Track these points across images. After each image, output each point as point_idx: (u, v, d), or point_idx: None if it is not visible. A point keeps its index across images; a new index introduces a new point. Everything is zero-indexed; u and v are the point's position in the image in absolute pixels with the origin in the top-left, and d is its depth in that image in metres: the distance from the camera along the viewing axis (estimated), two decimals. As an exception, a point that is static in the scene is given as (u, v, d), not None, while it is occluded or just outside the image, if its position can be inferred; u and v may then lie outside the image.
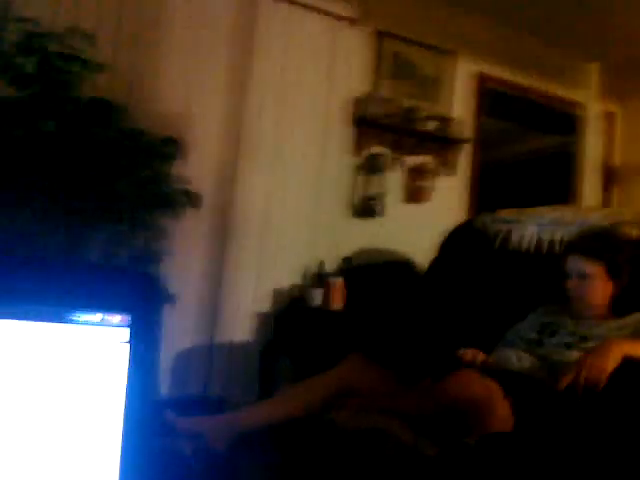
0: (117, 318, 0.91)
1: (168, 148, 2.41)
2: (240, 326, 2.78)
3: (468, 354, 1.77)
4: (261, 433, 1.81)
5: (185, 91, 2.74)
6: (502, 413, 1.48)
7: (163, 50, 2.69)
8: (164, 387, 2.64)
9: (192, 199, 2.39)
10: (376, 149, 3.26)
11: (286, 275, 2.93)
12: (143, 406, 0.88)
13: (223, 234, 2.80)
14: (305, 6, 2.98)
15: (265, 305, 2.87)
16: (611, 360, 1.44)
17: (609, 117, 3.94)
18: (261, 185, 2.86)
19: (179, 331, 2.65)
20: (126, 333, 0.91)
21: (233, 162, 2.84)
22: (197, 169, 2.66)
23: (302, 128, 2.99)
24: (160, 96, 2.68)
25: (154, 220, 2.35)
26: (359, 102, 3.21)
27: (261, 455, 1.91)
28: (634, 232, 2.02)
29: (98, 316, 0.90)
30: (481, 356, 1.80)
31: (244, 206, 2.82)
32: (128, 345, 0.90)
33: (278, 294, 2.89)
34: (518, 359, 1.82)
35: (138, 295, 0.93)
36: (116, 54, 2.60)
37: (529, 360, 1.81)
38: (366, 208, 3.21)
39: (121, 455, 0.87)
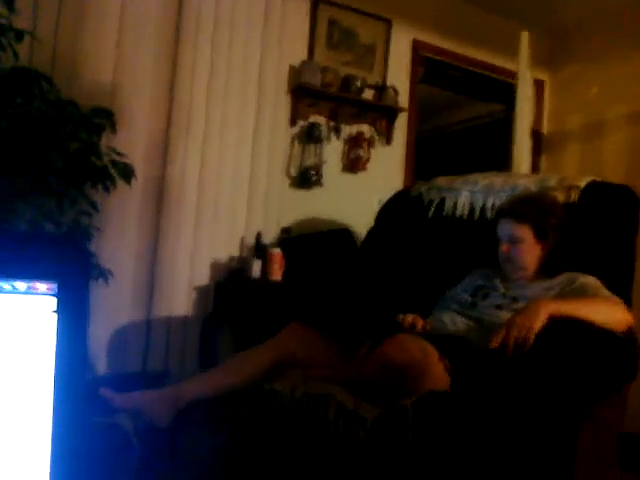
0: (43, 286, 0.88)
1: (98, 119, 2.31)
2: (178, 300, 2.73)
3: (408, 319, 1.81)
4: (204, 406, 1.80)
5: (114, 60, 2.62)
6: (438, 374, 1.52)
7: (89, 16, 2.55)
8: (101, 365, 2.58)
9: (124, 172, 2.31)
10: (313, 118, 3.24)
11: (224, 247, 2.89)
12: (73, 376, 0.86)
13: (157, 207, 2.73)
14: (237, -27, 2.90)
15: (203, 278, 2.82)
16: (538, 320, 1.49)
17: (539, 85, 4.04)
18: (195, 156, 2.79)
19: (115, 307, 2.58)
20: (53, 302, 0.89)
21: (165, 133, 2.75)
22: (128, 141, 2.56)
23: (236, 97, 2.91)
24: (87, 65, 2.55)
25: (84, 194, 2.28)
26: (295, 70, 3.18)
27: (205, 430, 1.90)
28: (560, 196, 2.09)
29: (23, 285, 0.87)
30: (420, 320, 1.84)
31: (178, 178, 2.74)
32: (56, 314, 0.88)
33: (216, 266, 2.85)
34: (452, 322, 1.88)
35: (64, 263, 0.90)
36: (38, 20, 2.47)
37: (463, 322, 1.87)
38: (304, 178, 3.19)
39: (52, 432, 0.85)
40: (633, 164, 3.45)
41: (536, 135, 4.03)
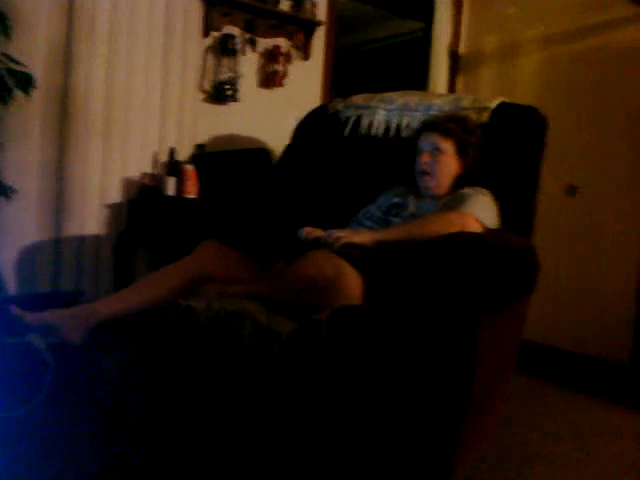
0: None
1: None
2: (89, 218, 2.63)
3: (315, 232, 1.85)
4: (118, 323, 1.78)
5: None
6: (351, 291, 1.53)
7: None
8: (9, 287, 2.49)
9: (22, 82, 2.15)
10: (228, 29, 3.10)
11: (136, 163, 2.78)
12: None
13: (62, 121, 2.56)
14: None
15: (115, 195, 2.72)
16: (360, 238, 1.68)
17: (458, 3, 4.02)
18: (101, 65, 2.61)
19: (20, 226, 2.47)
20: None
21: (67, 41, 2.54)
22: (26, 48, 2.38)
23: (143, 3, 2.72)
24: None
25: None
26: (206, -25, 3.00)
27: (118, 348, 1.89)
28: (473, 117, 2.14)
29: None
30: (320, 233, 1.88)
31: (83, 89, 2.57)
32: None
33: (129, 183, 2.75)
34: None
35: None
36: None
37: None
38: (219, 93, 3.08)
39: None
40: (546, 86, 3.55)
41: (453, 55, 4.05)
